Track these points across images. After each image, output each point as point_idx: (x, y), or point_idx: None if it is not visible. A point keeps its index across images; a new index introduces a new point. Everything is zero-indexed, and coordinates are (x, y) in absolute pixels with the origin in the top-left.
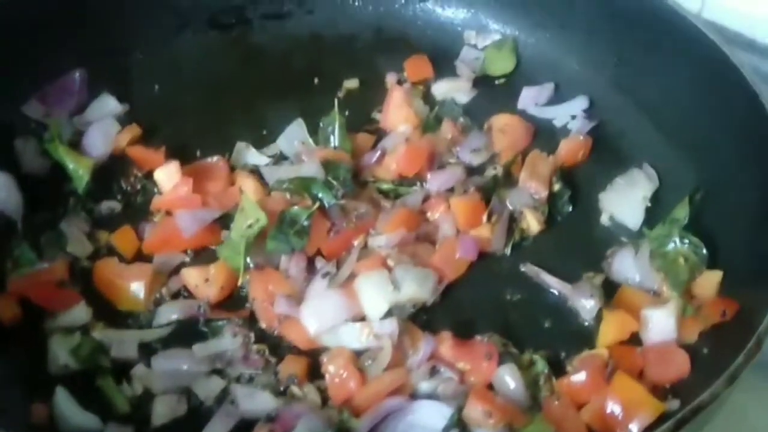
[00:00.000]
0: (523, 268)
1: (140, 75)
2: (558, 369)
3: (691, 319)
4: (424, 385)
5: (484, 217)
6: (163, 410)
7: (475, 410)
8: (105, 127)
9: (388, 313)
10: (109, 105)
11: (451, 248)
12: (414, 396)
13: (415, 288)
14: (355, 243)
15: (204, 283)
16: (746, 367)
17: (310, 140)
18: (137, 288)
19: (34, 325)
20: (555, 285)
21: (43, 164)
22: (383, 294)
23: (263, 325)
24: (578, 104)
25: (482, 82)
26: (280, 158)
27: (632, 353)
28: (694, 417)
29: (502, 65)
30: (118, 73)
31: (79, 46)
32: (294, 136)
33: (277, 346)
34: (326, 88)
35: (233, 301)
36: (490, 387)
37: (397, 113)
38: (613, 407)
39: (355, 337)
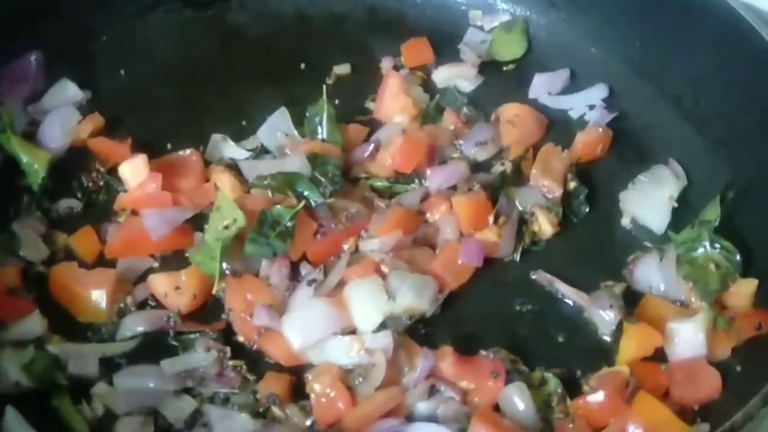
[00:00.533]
0: (534, 276)
1: (104, 58)
2: (573, 388)
3: (722, 332)
4: (422, 406)
5: (491, 219)
6: None
7: None
8: (64, 116)
9: (382, 326)
10: (68, 91)
11: (453, 253)
12: (410, 418)
13: (412, 297)
14: (345, 247)
15: (174, 291)
16: None
17: (295, 132)
18: (99, 296)
19: None
20: (570, 295)
21: None
22: (376, 304)
23: (241, 338)
24: (597, 93)
25: (489, 67)
26: (260, 152)
27: (656, 371)
28: None
29: (511, 49)
30: (80, 57)
31: (36, 25)
32: (277, 127)
33: (256, 363)
34: (313, 74)
35: (207, 311)
36: (497, 408)
37: (393, 102)
38: (635, 431)
39: (344, 353)
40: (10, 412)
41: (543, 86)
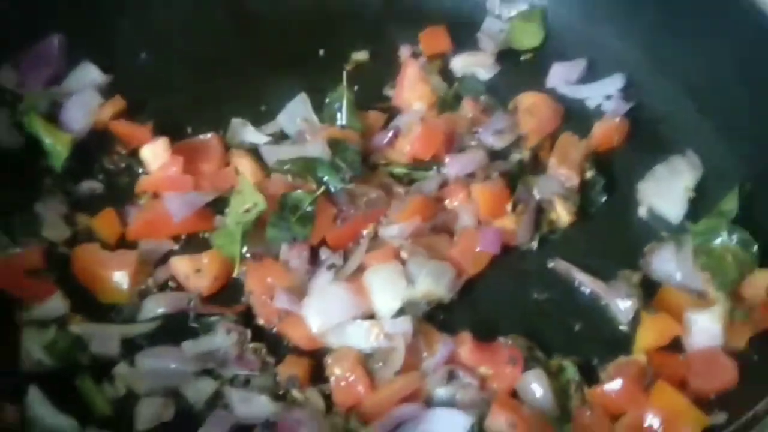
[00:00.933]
0: (551, 264)
1: (126, 42)
2: (590, 377)
3: (740, 323)
4: (441, 392)
5: (509, 207)
6: (147, 414)
7: (498, 420)
8: (85, 98)
9: (401, 311)
10: (90, 74)
11: (472, 240)
12: (429, 403)
13: (431, 283)
14: (365, 233)
15: (195, 273)
16: None
17: (315, 118)
18: (120, 278)
19: (5, 318)
20: (587, 283)
21: (17, 139)
22: (396, 289)
23: (261, 321)
24: (614, 83)
25: (507, 56)
26: (280, 137)
27: (674, 360)
28: (748, 431)
29: (529, 38)
30: (101, 40)
31: (58, 8)
32: (297, 112)
33: (276, 346)
34: (333, 61)
35: (227, 294)
36: (514, 395)
37: (412, 90)
38: (652, 420)
39: (363, 337)
40: (32, 391)
41: (560, 76)
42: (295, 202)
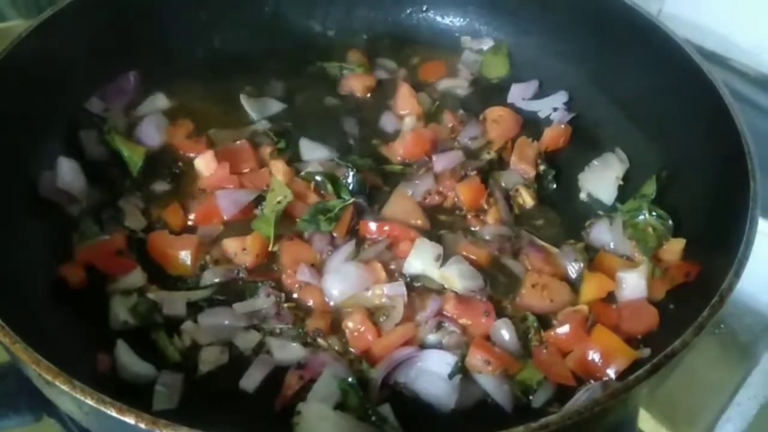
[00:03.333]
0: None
1: (186, 76)
2: (546, 323)
3: (659, 279)
4: (431, 338)
5: (483, 200)
6: (208, 359)
7: (475, 358)
8: (156, 120)
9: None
10: (159, 101)
11: None
12: (423, 347)
13: (455, 276)
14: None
15: (241, 251)
16: (711, 320)
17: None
18: (185, 255)
19: (98, 288)
20: (545, 249)
21: (103, 152)
22: (425, 261)
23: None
24: (559, 98)
25: (478, 80)
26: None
27: (609, 309)
28: (667, 362)
29: (497, 69)
30: (167, 75)
31: (134, 50)
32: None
33: (304, 305)
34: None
35: (267, 266)
36: (488, 339)
37: (404, 104)
38: (594, 355)
39: (369, 298)
40: (120, 344)
41: (519, 93)
42: (328, 207)
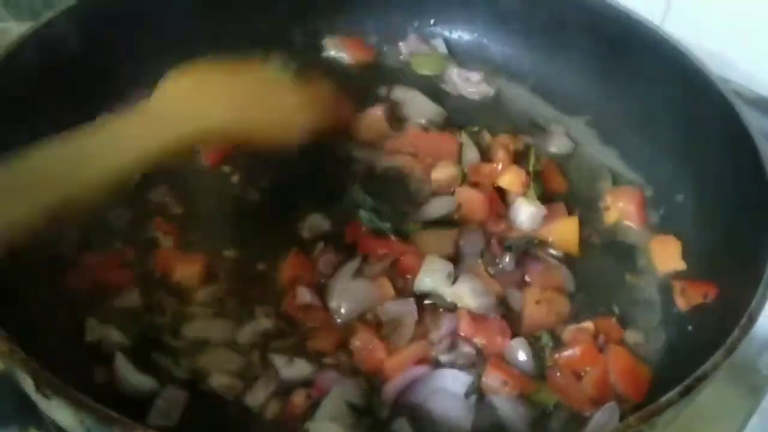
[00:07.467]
0: None
1: None
2: (558, 342)
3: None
4: (444, 358)
5: None
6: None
7: (493, 379)
8: None
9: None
10: None
11: None
12: (437, 366)
13: (467, 294)
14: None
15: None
16: (741, 341)
17: None
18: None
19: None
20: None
21: None
22: (436, 276)
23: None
24: None
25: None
26: None
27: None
28: (699, 385)
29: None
30: None
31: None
32: None
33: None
34: None
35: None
36: (502, 359)
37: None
38: (613, 377)
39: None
40: (119, 358)
41: None
42: None
